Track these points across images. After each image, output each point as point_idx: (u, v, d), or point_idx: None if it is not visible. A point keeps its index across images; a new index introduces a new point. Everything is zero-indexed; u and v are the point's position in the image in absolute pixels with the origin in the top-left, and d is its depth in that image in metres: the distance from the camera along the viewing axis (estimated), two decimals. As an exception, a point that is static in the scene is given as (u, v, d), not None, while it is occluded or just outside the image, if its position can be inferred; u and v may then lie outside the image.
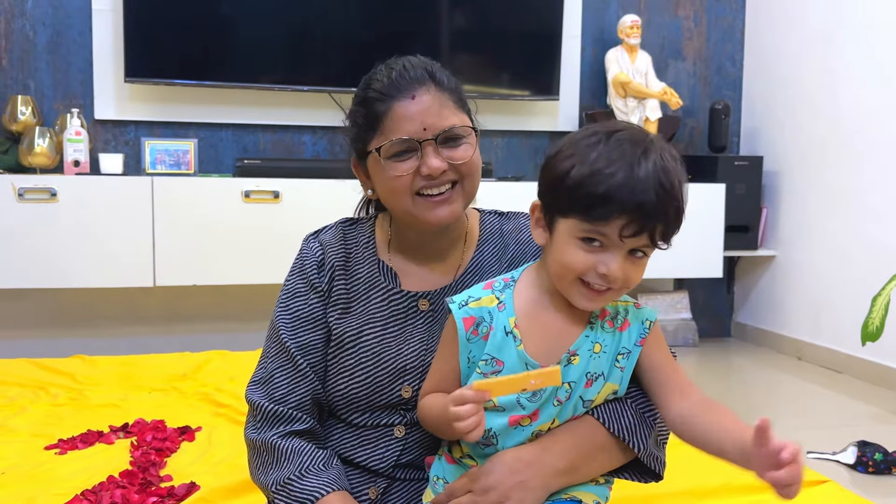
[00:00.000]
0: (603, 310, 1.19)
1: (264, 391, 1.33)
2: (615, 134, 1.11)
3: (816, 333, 3.79)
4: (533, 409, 1.17)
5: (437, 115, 1.25)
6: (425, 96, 1.25)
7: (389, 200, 1.31)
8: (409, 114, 1.24)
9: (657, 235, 1.09)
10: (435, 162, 1.24)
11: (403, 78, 1.26)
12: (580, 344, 1.17)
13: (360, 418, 1.34)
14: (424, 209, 1.27)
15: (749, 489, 1.94)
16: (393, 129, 1.25)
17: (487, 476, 1.16)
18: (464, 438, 1.09)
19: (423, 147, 1.24)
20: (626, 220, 1.07)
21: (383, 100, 1.26)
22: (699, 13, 4.22)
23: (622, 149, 1.09)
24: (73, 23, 3.47)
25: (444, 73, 1.30)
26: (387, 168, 1.26)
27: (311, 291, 1.35)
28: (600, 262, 1.10)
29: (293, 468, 1.26)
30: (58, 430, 2.30)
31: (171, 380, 2.87)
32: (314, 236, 1.40)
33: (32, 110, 3.33)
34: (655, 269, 4.25)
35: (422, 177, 1.25)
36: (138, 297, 3.58)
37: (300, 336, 1.33)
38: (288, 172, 3.40)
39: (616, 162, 1.07)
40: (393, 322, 1.33)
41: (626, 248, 1.10)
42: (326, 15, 3.60)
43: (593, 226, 1.09)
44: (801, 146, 3.90)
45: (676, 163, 1.12)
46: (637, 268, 1.12)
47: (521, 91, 3.88)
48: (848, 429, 2.77)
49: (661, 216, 1.08)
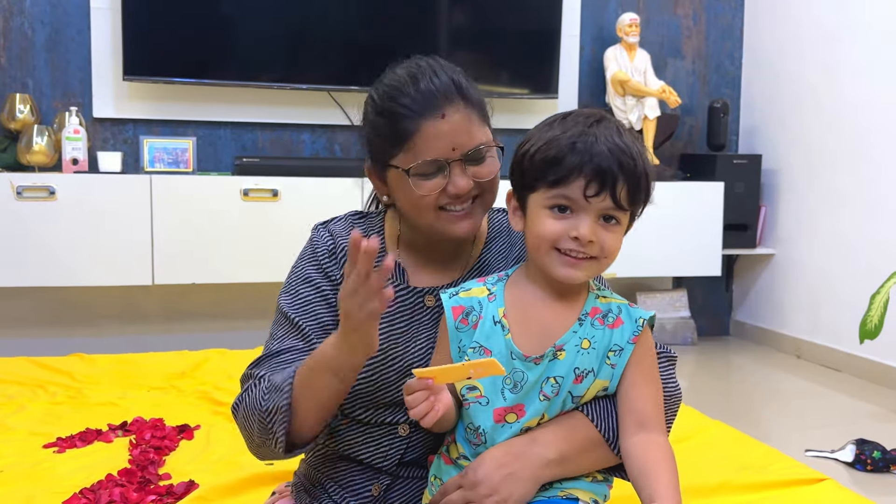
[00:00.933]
0: (594, 307, 1.20)
1: (266, 365, 1.28)
2: (571, 113, 1.19)
3: (815, 332, 3.79)
4: (514, 400, 1.18)
5: (466, 134, 1.24)
6: (455, 115, 1.23)
7: (411, 214, 1.29)
8: (440, 133, 1.22)
9: (621, 196, 1.13)
10: (462, 182, 1.24)
11: (431, 93, 1.23)
12: (567, 339, 1.18)
13: (364, 415, 1.33)
14: (447, 223, 1.27)
15: (747, 488, 1.94)
16: (423, 150, 1.22)
17: (476, 470, 1.17)
18: (424, 424, 1.11)
19: (452, 167, 1.24)
20: (586, 178, 1.12)
21: (412, 117, 1.22)
22: (698, 11, 4.22)
23: (576, 120, 1.17)
24: (72, 21, 3.47)
25: (470, 84, 1.28)
26: (413, 186, 1.24)
27: (324, 277, 1.33)
28: (571, 226, 1.14)
29: (285, 375, 1.21)
30: (56, 428, 2.30)
31: (170, 378, 2.87)
32: (323, 225, 1.39)
33: (31, 108, 3.33)
34: (654, 267, 4.27)
35: (448, 195, 1.25)
36: (137, 296, 3.58)
37: (311, 318, 1.30)
38: (287, 171, 3.40)
39: (570, 129, 1.15)
40: (399, 318, 1.33)
41: (594, 210, 1.14)
42: (326, 13, 3.59)
43: (558, 190, 1.14)
44: (799, 145, 3.90)
45: (631, 135, 1.18)
46: (611, 234, 1.15)
47: (519, 89, 3.88)
48: (846, 427, 2.77)
49: (620, 174, 1.13)
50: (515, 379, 1.17)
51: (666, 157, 4.06)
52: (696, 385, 3.45)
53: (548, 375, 1.17)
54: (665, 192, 3.76)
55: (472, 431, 1.20)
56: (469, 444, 1.22)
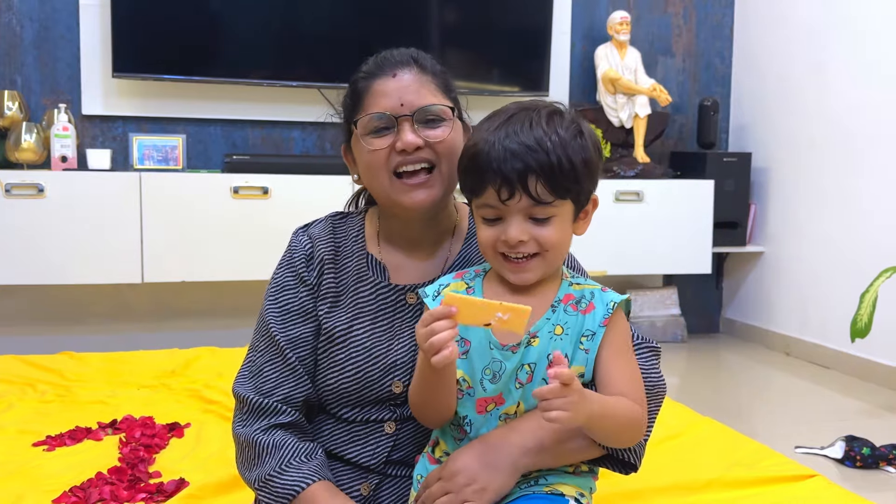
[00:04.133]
0: (567, 294, 1.22)
1: (252, 384, 1.33)
2: (503, 109, 1.20)
3: (805, 329, 3.81)
4: (494, 390, 1.19)
5: (415, 94, 1.28)
6: (406, 75, 1.29)
7: (368, 179, 1.32)
8: (388, 90, 1.28)
9: (537, 192, 1.13)
10: (410, 136, 1.26)
11: (387, 60, 1.31)
12: (540, 326, 1.19)
13: (350, 413, 1.33)
14: (402, 192, 1.28)
15: (737, 485, 1.94)
16: (371, 105, 1.28)
17: (455, 461, 1.18)
18: (436, 362, 1.08)
19: (400, 122, 1.27)
20: (494, 186, 1.13)
21: (366, 78, 1.30)
22: (688, 10, 4.23)
23: (497, 118, 1.18)
24: (61, 18, 3.45)
25: (429, 59, 1.33)
26: (364, 143, 1.28)
27: (301, 284, 1.35)
28: (501, 231, 1.16)
29: (274, 463, 1.26)
30: (46, 426, 2.28)
31: (160, 376, 2.86)
32: (303, 230, 1.41)
33: (19, 105, 3.31)
34: (644, 265, 4.28)
35: (397, 152, 1.27)
36: (126, 294, 3.57)
37: (290, 329, 1.34)
38: (277, 168, 3.39)
39: (483, 133, 1.17)
40: (382, 316, 1.34)
41: (518, 212, 1.14)
42: (315, 10, 3.59)
43: (480, 199, 1.17)
44: (789, 143, 3.92)
45: (559, 120, 1.16)
46: (547, 228, 1.16)
47: (510, 87, 3.88)
48: (836, 423, 2.78)
49: (529, 172, 1.12)
50: (494, 369, 1.19)
51: (656, 155, 4.07)
52: (686, 382, 3.46)
53: (523, 363, 1.18)
54: (655, 190, 3.77)
55: (456, 426, 1.22)
56: (453, 439, 1.23)
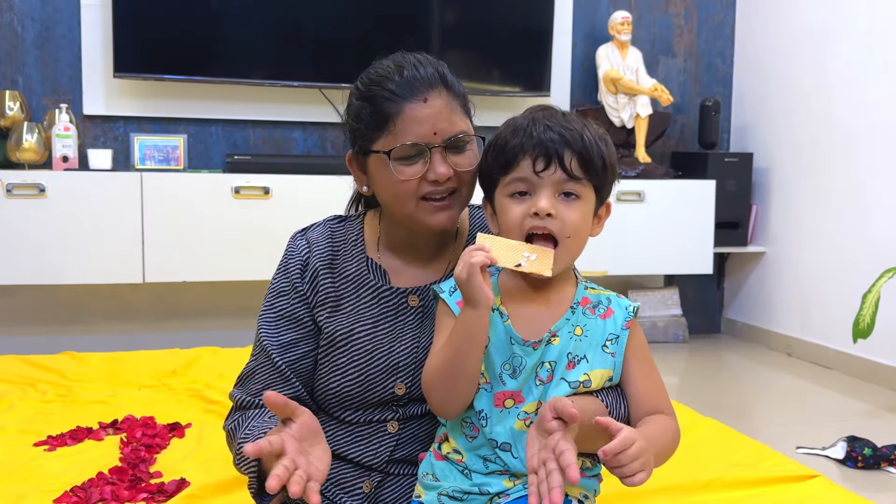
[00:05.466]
0: (584, 297, 1.24)
1: (243, 388, 1.37)
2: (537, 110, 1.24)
3: (806, 329, 3.80)
4: (514, 385, 1.19)
5: (447, 121, 1.25)
6: (437, 100, 1.25)
7: (391, 203, 1.30)
8: (421, 117, 1.23)
9: (572, 167, 1.17)
10: (442, 169, 1.24)
11: (416, 79, 1.25)
12: (561, 325, 1.21)
13: (352, 416, 1.34)
14: (426, 213, 1.27)
15: (738, 485, 1.95)
16: (404, 132, 1.23)
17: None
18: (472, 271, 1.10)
19: (432, 153, 1.24)
20: (532, 156, 1.17)
21: (394, 100, 1.24)
22: (690, 10, 4.23)
23: (521, 115, 1.23)
24: (62, 18, 3.45)
25: (453, 75, 1.30)
26: (394, 171, 1.25)
27: (293, 292, 1.35)
28: (531, 204, 1.17)
29: (241, 434, 1.29)
30: (47, 426, 2.29)
31: (161, 376, 2.86)
32: (301, 234, 1.40)
33: (21, 105, 3.31)
34: (646, 265, 4.27)
35: (427, 182, 1.25)
36: (127, 294, 3.56)
37: (281, 335, 1.34)
38: (278, 168, 3.39)
39: (513, 123, 1.21)
40: (384, 319, 1.33)
41: (549, 186, 1.17)
42: (317, 10, 3.58)
43: (511, 174, 1.19)
44: (791, 143, 3.91)
45: (579, 117, 1.22)
46: (572, 209, 1.18)
47: (511, 87, 3.88)
48: (837, 424, 2.78)
49: (565, 146, 1.16)
50: (514, 364, 1.19)
51: (657, 156, 4.07)
52: (687, 382, 3.46)
53: (543, 360, 1.20)
54: (656, 190, 3.77)
55: (469, 423, 1.21)
56: (465, 437, 1.22)
